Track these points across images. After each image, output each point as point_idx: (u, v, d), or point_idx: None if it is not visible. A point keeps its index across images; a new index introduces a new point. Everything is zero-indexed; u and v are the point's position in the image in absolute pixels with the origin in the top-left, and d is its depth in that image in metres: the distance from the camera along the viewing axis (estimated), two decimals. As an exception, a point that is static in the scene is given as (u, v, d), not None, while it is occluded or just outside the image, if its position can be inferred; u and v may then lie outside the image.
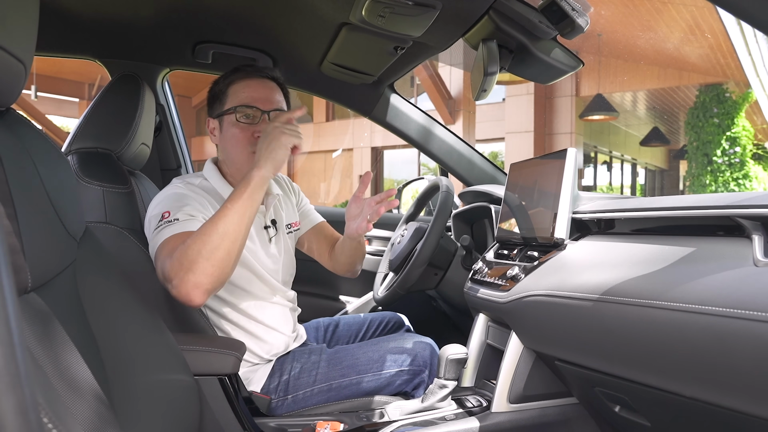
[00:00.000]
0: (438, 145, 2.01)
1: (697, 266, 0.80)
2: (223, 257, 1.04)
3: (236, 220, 1.06)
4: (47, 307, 0.68)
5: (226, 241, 1.04)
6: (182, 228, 1.12)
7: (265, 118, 1.29)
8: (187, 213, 1.15)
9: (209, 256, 1.02)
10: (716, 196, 0.87)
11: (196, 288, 1.02)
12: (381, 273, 1.86)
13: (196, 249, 1.02)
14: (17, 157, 0.71)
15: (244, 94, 1.30)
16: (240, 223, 1.07)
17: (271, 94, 1.32)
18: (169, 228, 1.12)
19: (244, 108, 1.28)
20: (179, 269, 1.02)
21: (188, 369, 1.04)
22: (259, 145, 1.13)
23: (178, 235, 1.11)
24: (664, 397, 0.83)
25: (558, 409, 1.20)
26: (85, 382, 0.68)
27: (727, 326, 0.69)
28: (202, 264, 1.02)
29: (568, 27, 1.17)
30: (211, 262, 1.02)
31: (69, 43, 1.77)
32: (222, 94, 1.32)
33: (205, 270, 1.02)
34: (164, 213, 1.15)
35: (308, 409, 1.29)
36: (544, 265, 1.15)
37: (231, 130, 1.29)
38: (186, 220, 1.14)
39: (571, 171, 1.18)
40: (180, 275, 1.02)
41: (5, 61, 0.65)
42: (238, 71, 1.33)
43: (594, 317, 0.92)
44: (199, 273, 1.02)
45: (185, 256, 1.02)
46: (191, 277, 1.01)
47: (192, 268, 1.01)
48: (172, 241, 1.10)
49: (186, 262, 1.02)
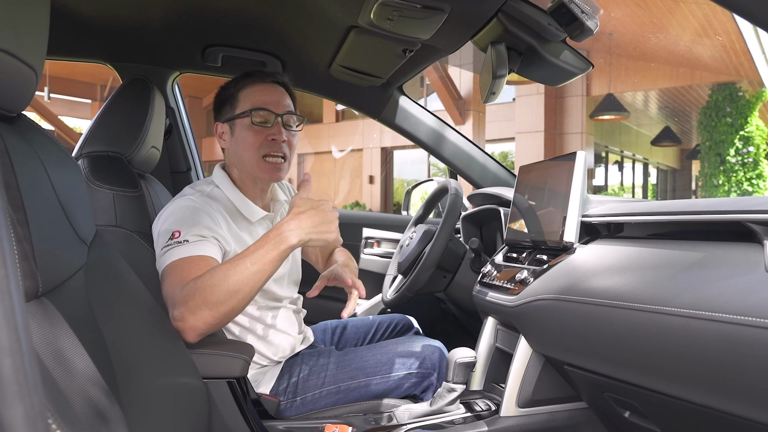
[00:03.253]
0: (447, 147, 2.00)
1: (708, 272, 0.79)
2: (226, 312, 1.04)
3: (250, 280, 1.04)
4: (57, 311, 0.69)
5: (234, 299, 1.04)
6: (191, 252, 1.12)
7: (278, 121, 1.30)
8: (198, 234, 1.15)
9: (213, 307, 1.03)
10: (727, 201, 0.86)
11: (192, 330, 1.03)
12: (390, 275, 1.86)
13: (203, 297, 1.02)
14: (28, 163, 0.72)
15: (257, 97, 1.30)
16: (253, 284, 1.05)
17: (282, 97, 1.33)
18: (178, 249, 1.12)
19: (258, 111, 1.29)
20: (183, 305, 1.03)
21: (197, 372, 1.04)
22: (309, 218, 1.07)
23: (186, 259, 1.11)
24: (675, 404, 0.83)
25: (567, 413, 1.20)
26: (94, 385, 0.68)
27: (739, 333, 0.68)
28: (204, 312, 1.03)
29: (577, 29, 1.16)
30: (212, 313, 1.03)
31: (80, 47, 1.78)
32: (233, 98, 1.32)
33: (206, 318, 1.03)
34: (174, 232, 1.15)
35: (316, 412, 1.30)
36: (554, 268, 1.14)
37: (244, 134, 1.29)
38: (196, 242, 1.14)
39: (580, 174, 1.17)
40: (182, 311, 1.03)
41: (16, 68, 0.65)
42: (249, 76, 1.33)
43: (603, 322, 0.92)
44: (199, 319, 1.03)
45: (192, 297, 1.03)
46: (190, 319, 1.03)
47: (194, 311, 1.02)
48: (180, 265, 1.10)
49: (191, 304, 1.03)
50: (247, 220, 1.31)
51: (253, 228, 1.32)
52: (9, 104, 0.70)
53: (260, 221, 1.34)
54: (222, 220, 1.24)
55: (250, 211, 1.32)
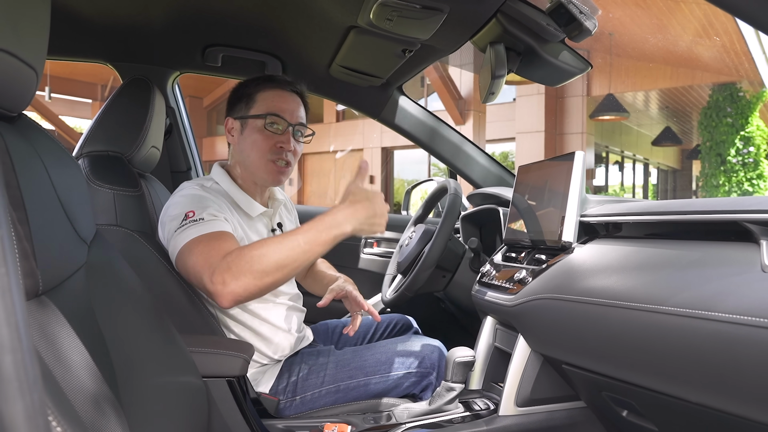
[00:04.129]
0: (447, 147, 2.00)
1: (705, 271, 0.80)
2: (269, 283, 1.06)
3: (300, 257, 1.07)
4: (58, 309, 0.69)
5: (280, 272, 1.06)
6: (210, 228, 1.13)
7: (289, 130, 1.31)
8: (211, 213, 1.16)
9: (258, 276, 1.04)
10: (724, 201, 0.87)
11: (230, 294, 1.03)
12: (389, 275, 1.87)
13: (249, 265, 1.03)
14: (29, 162, 0.72)
15: (274, 103, 1.31)
16: (301, 261, 1.07)
17: (298, 108, 1.35)
18: (196, 227, 1.13)
19: (273, 117, 1.30)
20: (226, 271, 1.03)
21: (197, 371, 1.05)
22: (364, 209, 1.12)
23: (208, 234, 1.12)
24: (671, 403, 0.83)
25: (565, 412, 1.20)
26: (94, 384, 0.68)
27: (735, 333, 0.68)
28: (247, 279, 1.03)
29: (575, 30, 1.16)
30: (256, 281, 1.04)
31: (80, 47, 1.79)
32: (249, 98, 1.33)
33: (248, 285, 1.04)
34: (188, 213, 1.16)
35: (316, 411, 1.30)
36: (552, 268, 1.15)
37: (254, 136, 1.31)
38: (211, 220, 1.15)
39: (579, 174, 1.18)
40: (224, 276, 1.03)
41: (16, 68, 0.65)
42: (271, 80, 1.35)
43: (601, 321, 0.92)
44: (241, 285, 1.03)
45: (236, 264, 1.04)
46: (232, 284, 1.03)
47: (238, 277, 1.03)
48: (205, 240, 1.11)
49: (235, 270, 1.03)
50: (246, 215, 1.32)
51: (252, 223, 1.33)
52: (9, 104, 0.70)
53: (259, 217, 1.35)
54: (228, 211, 1.25)
55: (250, 206, 1.33)
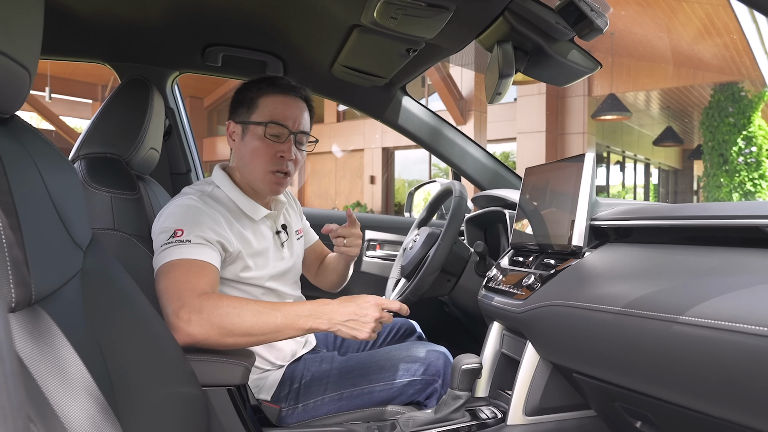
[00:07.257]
0: (450, 148, 1.98)
1: (725, 279, 0.76)
2: (229, 344, 1.04)
3: (269, 333, 1.05)
4: (51, 319, 0.66)
5: (245, 338, 1.04)
6: (194, 254, 1.10)
7: (290, 139, 1.28)
8: (201, 236, 1.13)
9: (223, 334, 1.02)
10: (742, 205, 0.84)
11: (189, 336, 1.01)
12: (393, 279, 1.84)
13: (219, 319, 1.02)
14: (21, 166, 0.69)
15: (276, 109, 1.27)
16: (268, 336, 1.06)
17: (301, 114, 1.30)
18: (180, 249, 1.10)
19: (273, 125, 1.26)
20: (196, 312, 1.02)
21: (196, 380, 1.02)
22: (347, 309, 1.09)
23: (189, 261, 1.09)
24: (690, 416, 0.80)
25: (575, 422, 1.17)
26: (89, 396, 0.66)
27: (763, 346, 0.65)
28: (212, 331, 1.02)
29: (586, 28, 1.13)
30: (218, 337, 1.02)
31: (79, 46, 1.76)
32: (251, 102, 1.28)
33: (209, 336, 1.02)
34: (177, 230, 1.13)
35: (318, 419, 1.27)
36: (561, 273, 1.11)
37: (254, 143, 1.27)
38: (198, 245, 1.12)
39: (589, 176, 1.15)
40: (191, 316, 1.01)
41: (8, 68, 0.63)
42: (273, 84, 1.30)
43: (615, 330, 0.89)
44: (203, 333, 1.02)
45: (209, 311, 1.02)
46: (195, 328, 1.01)
47: (203, 324, 1.01)
48: (185, 265, 1.09)
49: (205, 316, 1.01)
50: (250, 219, 1.29)
51: (256, 227, 1.30)
52: (2, 105, 0.68)
53: (263, 220, 1.32)
54: (224, 221, 1.21)
55: (254, 209, 1.29)
